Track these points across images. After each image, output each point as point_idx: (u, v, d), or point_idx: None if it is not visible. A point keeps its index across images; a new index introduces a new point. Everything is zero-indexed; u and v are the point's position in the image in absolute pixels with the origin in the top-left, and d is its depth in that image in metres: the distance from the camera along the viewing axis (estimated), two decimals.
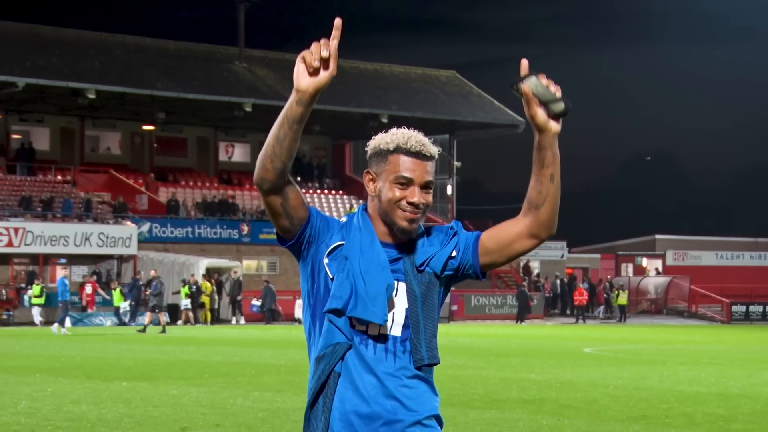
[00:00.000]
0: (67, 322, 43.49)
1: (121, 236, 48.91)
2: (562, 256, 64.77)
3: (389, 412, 3.60)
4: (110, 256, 49.43)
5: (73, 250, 47.95)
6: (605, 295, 58.47)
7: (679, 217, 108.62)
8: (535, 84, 3.52)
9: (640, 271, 70.18)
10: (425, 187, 3.64)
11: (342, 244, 3.63)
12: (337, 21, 3.46)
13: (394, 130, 3.71)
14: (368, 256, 3.60)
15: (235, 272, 49.29)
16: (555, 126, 3.58)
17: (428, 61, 65.51)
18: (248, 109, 52.72)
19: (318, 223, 3.65)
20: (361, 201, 63.34)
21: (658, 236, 74.28)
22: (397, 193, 3.61)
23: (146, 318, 40.11)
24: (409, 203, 3.60)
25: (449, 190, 63.63)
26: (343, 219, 3.72)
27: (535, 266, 63.41)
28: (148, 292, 41.67)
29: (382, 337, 3.60)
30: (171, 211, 53.80)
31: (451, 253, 3.69)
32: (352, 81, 59.52)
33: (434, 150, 3.69)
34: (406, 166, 3.62)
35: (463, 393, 16.16)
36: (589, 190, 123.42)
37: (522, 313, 53.33)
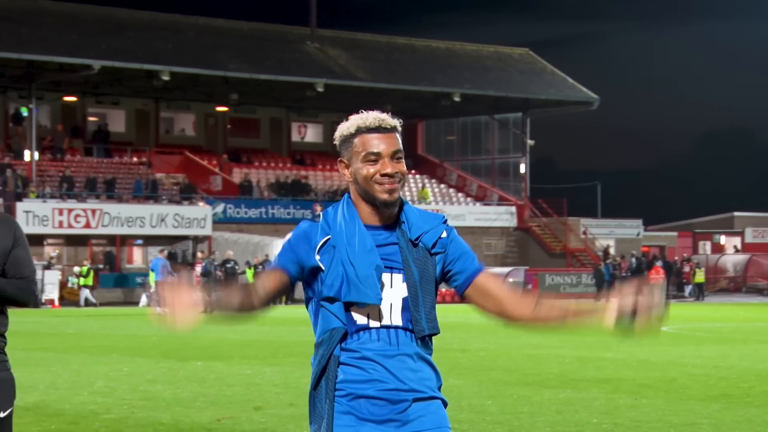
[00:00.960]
0: (144, 300, 44.11)
1: (195, 217, 49.35)
2: (638, 234, 63.98)
3: (391, 393, 3.74)
4: (185, 237, 49.91)
5: (148, 231, 48.52)
6: (685, 272, 57.60)
7: (757, 194, 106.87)
8: (627, 321, 3.66)
9: (718, 248, 69.16)
10: (394, 156, 3.81)
11: (328, 239, 3.77)
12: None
13: (353, 116, 3.88)
14: (353, 241, 3.74)
15: None
16: (609, 324, 3.76)
17: (501, 39, 65.04)
18: (320, 89, 52.77)
19: (296, 260, 3.79)
20: (434, 180, 63.22)
21: (736, 213, 73.13)
22: (371, 169, 3.77)
23: None
24: (383, 175, 3.76)
25: (522, 168, 63.15)
26: (318, 219, 3.84)
27: (611, 244, 62.76)
28: (220, 273, 41.93)
29: (382, 327, 3.75)
30: (244, 191, 54.14)
31: (443, 233, 3.83)
32: (424, 59, 59.30)
33: (394, 122, 3.86)
34: (371, 142, 3.80)
35: (538, 372, 16.09)
36: (665, 167, 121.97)
37: (601, 291, 52.65)
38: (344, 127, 3.90)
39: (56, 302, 43.33)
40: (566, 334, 3.26)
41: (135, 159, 55.47)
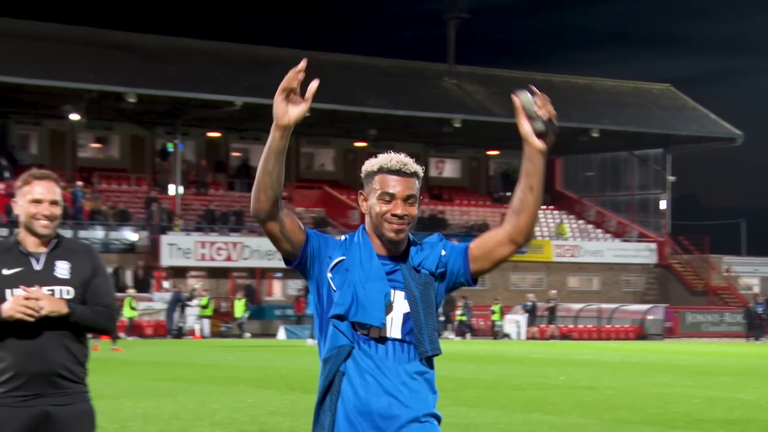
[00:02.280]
0: (282, 333, 44.93)
1: None
2: None
3: (386, 409, 3.94)
4: None
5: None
6: None
7: None
8: (525, 99, 3.94)
9: None
10: (407, 200, 4.05)
11: (343, 260, 4.03)
12: (301, 65, 4.06)
13: (381, 154, 4.11)
14: (367, 267, 4.00)
15: None
16: (537, 142, 3.97)
17: (642, 75, 64.56)
18: (457, 125, 53.21)
19: (316, 242, 4.05)
20: (572, 216, 62.91)
21: None
22: (384, 207, 4.02)
23: None
24: (394, 215, 4.01)
25: (663, 205, 62.35)
26: (343, 238, 4.10)
27: (755, 283, 61.40)
28: None
29: (382, 340, 3.98)
30: None
31: (441, 251, 4.08)
32: (562, 95, 59.14)
33: (415, 168, 4.10)
34: (389, 183, 4.04)
35: (664, 412, 15.83)
36: None
37: (753, 331, 50.98)
38: (369, 164, 4.16)
39: (197, 333, 44.43)
40: (535, 178, 3.04)
41: None
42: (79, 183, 51.38)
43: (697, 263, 61.09)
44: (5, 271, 5.24)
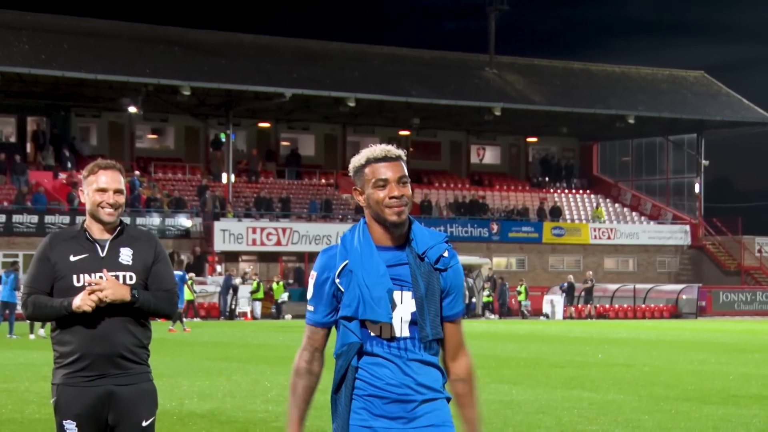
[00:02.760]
0: None
1: None
2: None
3: (401, 395, 4.20)
4: None
5: None
6: None
7: None
8: None
9: None
10: (400, 181, 4.23)
11: (347, 263, 4.23)
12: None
13: (363, 149, 4.37)
14: (369, 267, 4.19)
15: (490, 268, 51.69)
16: None
17: (677, 63, 66.13)
18: (498, 113, 54.85)
19: (330, 303, 4.28)
20: (608, 200, 64.58)
21: None
22: (381, 193, 4.20)
23: None
24: (392, 198, 4.19)
25: (697, 188, 63.92)
26: (339, 242, 4.31)
27: None
28: None
29: (392, 339, 4.20)
30: (424, 211, 56.64)
31: (444, 252, 4.26)
32: (599, 83, 60.91)
33: (398, 152, 4.30)
34: (379, 170, 4.23)
35: (699, 388, 16.02)
36: None
37: None
38: (356, 160, 4.33)
39: (249, 315, 46.41)
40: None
41: (323, 181, 58.91)
42: (137, 172, 53.60)
43: (730, 244, 62.58)
44: (72, 258, 5.40)
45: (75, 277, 5.38)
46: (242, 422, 12.04)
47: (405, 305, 4.20)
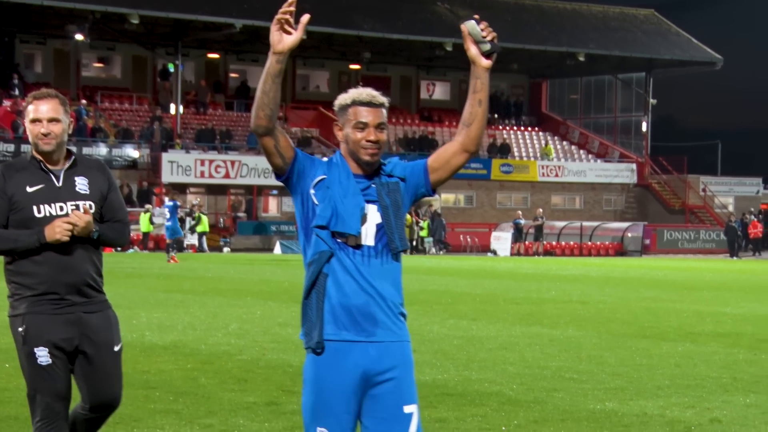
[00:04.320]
0: (278, 248, 46.93)
1: None
2: (758, 192, 64.81)
3: (363, 306, 4.53)
4: None
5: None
6: None
7: None
8: (472, 26, 4.55)
9: None
10: (378, 127, 4.57)
11: (324, 178, 4.59)
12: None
13: (352, 89, 4.67)
14: (345, 185, 4.57)
15: (431, 205, 51.74)
16: (484, 61, 4.56)
17: (627, 0, 66.01)
18: (449, 48, 54.69)
19: (303, 160, 4.61)
20: (557, 137, 64.86)
21: None
22: (359, 135, 4.56)
23: None
24: (368, 141, 4.56)
25: (644, 127, 64.37)
26: (325, 159, 4.68)
27: (729, 202, 63.71)
28: None
29: (358, 247, 4.55)
30: None
31: (405, 165, 4.71)
32: (550, 20, 60.80)
33: (383, 99, 4.62)
34: (361, 113, 4.56)
35: (656, 325, 16.19)
36: None
37: (733, 248, 52.56)
38: (343, 98, 4.63)
39: (195, 248, 46.26)
40: (483, 93, 3.72)
41: None
42: (83, 101, 52.91)
43: (675, 183, 63.25)
44: (29, 189, 5.47)
45: (35, 207, 5.42)
46: (206, 354, 12.07)
47: (371, 217, 4.57)
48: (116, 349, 5.63)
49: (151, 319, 15.92)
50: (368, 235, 4.57)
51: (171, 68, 53.73)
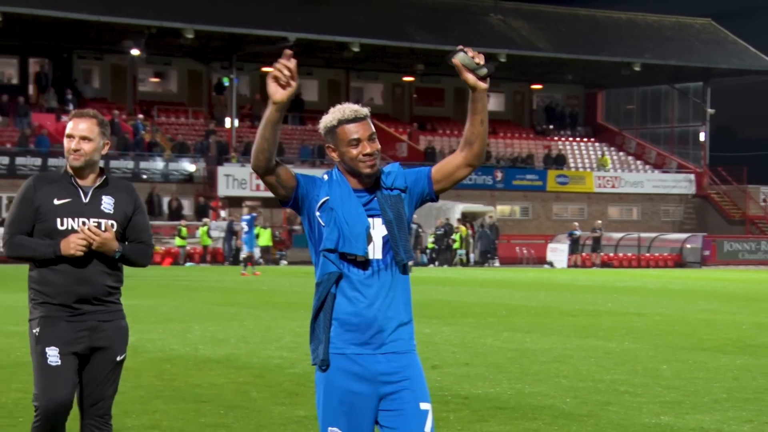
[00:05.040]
0: None
1: None
2: None
3: (372, 320, 4.70)
4: None
5: None
6: None
7: None
8: (462, 57, 4.66)
9: None
10: (370, 138, 4.71)
11: (327, 199, 4.72)
12: (288, 52, 4.61)
13: (332, 109, 4.77)
14: (348, 205, 4.70)
15: (491, 216, 51.51)
16: (482, 85, 4.70)
17: (684, 9, 65.40)
18: (502, 59, 54.55)
19: (305, 185, 4.73)
20: (613, 148, 64.43)
21: None
22: (354, 151, 4.68)
23: None
24: (365, 155, 4.69)
25: (702, 137, 63.71)
26: (326, 177, 4.78)
27: None
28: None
29: (365, 263, 4.71)
30: (428, 158, 56.44)
31: (407, 173, 4.83)
32: (605, 30, 60.46)
33: (365, 110, 4.75)
34: (351, 130, 4.69)
35: (714, 338, 15.97)
36: None
37: None
38: (327, 120, 4.74)
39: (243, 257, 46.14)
40: (484, 113, 3.78)
41: None
42: (140, 116, 53.42)
43: (735, 193, 62.50)
44: (56, 201, 5.71)
45: (59, 220, 5.68)
46: (258, 368, 12.00)
47: (377, 230, 4.71)
48: (118, 359, 5.85)
49: (205, 332, 15.89)
50: (376, 250, 4.72)
51: (226, 82, 54.10)
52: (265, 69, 58.09)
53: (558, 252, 50.67)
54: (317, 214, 4.73)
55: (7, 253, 5.75)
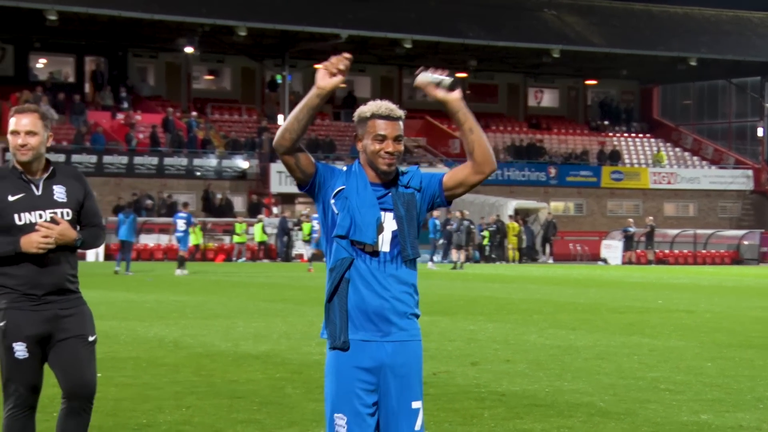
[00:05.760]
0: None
1: None
2: None
3: (378, 309, 4.90)
4: None
5: None
6: None
7: None
8: (422, 77, 4.89)
9: None
10: (396, 139, 4.90)
11: (343, 188, 4.92)
12: (347, 55, 4.89)
13: (371, 102, 4.99)
14: (362, 195, 4.90)
15: (549, 213, 51.17)
16: (452, 96, 4.87)
17: (741, 3, 64.42)
18: (556, 55, 54.19)
19: (324, 172, 4.94)
20: (669, 144, 63.78)
21: None
22: (377, 146, 4.88)
23: (457, 255, 42.51)
24: (387, 152, 4.89)
25: (760, 132, 62.80)
26: (344, 168, 5.00)
27: None
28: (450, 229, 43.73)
29: (375, 253, 4.91)
30: None
31: (421, 175, 5.02)
32: (660, 25, 59.81)
33: (400, 112, 4.95)
34: (380, 126, 4.89)
35: (764, 335, 15.78)
36: None
37: None
38: (362, 110, 4.95)
39: (304, 257, 46.33)
40: (469, 121, 3.86)
41: None
42: (193, 113, 53.73)
43: None
44: (10, 197, 5.84)
45: (16, 216, 5.82)
46: (296, 364, 11.97)
47: (387, 224, 4.91)
48: (90, 339, 6.02)
49: (248, 328, 15.85)
50: (384, 242, 4.91)
51: (279, 79, 54.21)
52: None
53: (612, 249, 50.26)
54: (332, 201, 4.91)
55: None
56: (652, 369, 11.90)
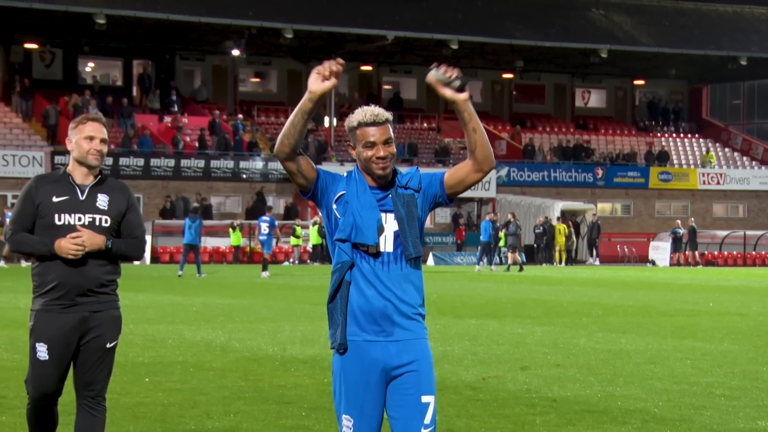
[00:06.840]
0: (431, 260, 46.78)
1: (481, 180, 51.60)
2: None
3: (382, 309, 5.01)
4: (470, 199, 52.38)
5: None
6: None
7: None
8: (434, 74, 4.94)
9: None
10: (386, 143, 4.99)
11: (344, 193, 5.05)
12: (341, 60, 4.90)
13: (357, 110, 5.07)
14: (362, 199, 5.02)
15: (594, 214, 50.77)
16: (460, 96, 4.94)
17: None
18: (604, 55, 53.79)
19: (325, 179, 5.08)
20: (718, 144, 63.12)
21: None
22: (369, 153, 4.99)
23: (512, 258, 42.33)
24: (378, 158, 5.00)
25: None
26: (345, 174, 5.11)
27: None
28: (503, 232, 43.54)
29: (377, 254, 5.02)
30: (527, 155, 55.98)
31: (420, 176, 5.12)
32: (710, 24, 59.21)
33: (387, 115, 5.03)
34: (368, 133, 4.99)
35: None
36: None
37: None
38: (349, 121, 5.06)
39: None
40: (473, 121, 3.89)
41: (425, 125, 58.39)
42: (240, 116, 53.86)
43: None
44: (55, 199, 6.15)
45: (56, 216, 6.13)
46: None
47: (388, 225, 5.02)
48: (108, 346, 6.24)
49: (295, 332, 15.78)
50: (386, 243, 5.03)
51: None
52: (364, 68, 58.22)
53: (660, 250, 49.80)
54: (334, 206, 5.04)
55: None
56: (706, 374, 11.67)
